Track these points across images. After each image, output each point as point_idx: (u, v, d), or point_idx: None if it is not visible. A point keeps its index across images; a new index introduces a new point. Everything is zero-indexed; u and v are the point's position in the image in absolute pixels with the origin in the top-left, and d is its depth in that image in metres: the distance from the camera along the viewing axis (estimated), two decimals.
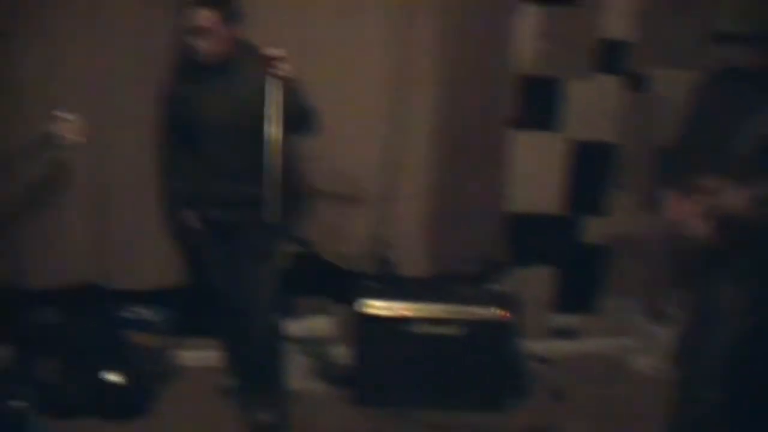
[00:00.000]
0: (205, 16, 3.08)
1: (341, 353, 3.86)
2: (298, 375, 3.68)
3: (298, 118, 3.12)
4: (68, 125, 3.09)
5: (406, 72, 3.76)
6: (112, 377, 3.50)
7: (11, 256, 3.42)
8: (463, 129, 3.88)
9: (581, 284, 4.29)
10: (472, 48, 3.82)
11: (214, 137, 3.21)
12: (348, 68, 3.72)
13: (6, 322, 3.66)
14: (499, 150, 3.97)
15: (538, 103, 4.01)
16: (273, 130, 2.90)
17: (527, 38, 3.92)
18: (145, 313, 3.78)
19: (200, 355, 3.92)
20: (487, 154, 3.94)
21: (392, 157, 3.85)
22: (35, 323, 3.67)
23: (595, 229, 4.22)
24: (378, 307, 3.57)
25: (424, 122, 3.83)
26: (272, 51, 2.96)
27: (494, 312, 3.58)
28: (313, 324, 3.93)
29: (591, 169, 4.14)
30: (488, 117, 3.90)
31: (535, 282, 4.20)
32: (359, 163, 3.82)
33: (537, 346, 4.11)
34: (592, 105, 4.03)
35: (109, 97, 3.71)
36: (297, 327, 3.83)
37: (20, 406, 3.13)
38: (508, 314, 3.59)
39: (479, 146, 3.92)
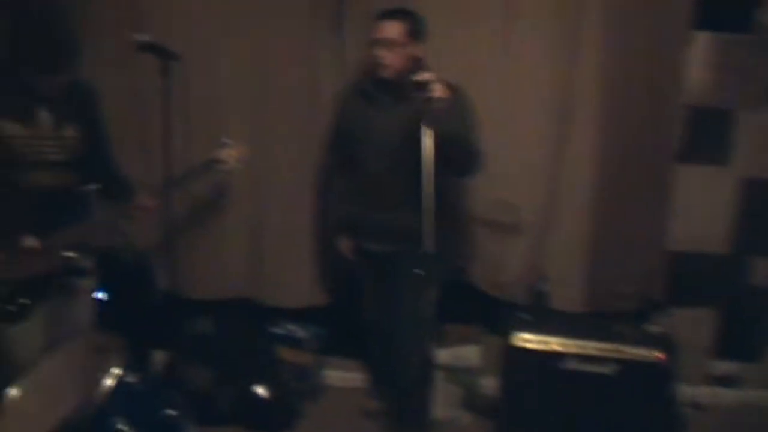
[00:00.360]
0: (392, 28, 3.16)
1: (489, 384, 3.79)
2: (444, 403, 3.64)
3: (459, 156, 3.10)
4: (231, 151, 3.31)
5: (569, 102, 3.68)
6: (261, 391, 3.58)
7: (174, 268, 3.57)
8: (627, 161, 3.74)
9: (745, 329, 4.04)
10: (638, 77, 3.68)
11: (378, 159, 3.23)
12: (510, 98, 3.67)
13: (164, 329, 3.81)
14: (663, 183, 3.80)
15: (708, 136, 3.82)
16: (431, 156, 2.88)
17: (698, 67, 3.75)
18: (295, 330, 3.85)
19: (347, 376, 3.95)
20: (650, 188, 3.78)
21: (552, 187, 3.76)
22: (191, 333, 3.80)
23: (762, 271, 3.97)
24: (529, 340, 3.48)
25: (586, 152, 3.71)
26: (423, 75, 2.96)
27: (650, 353, 3.42)
28: (462, 353, 3.88)
29: (760, 208, 3.90)
30: (653, 149, 3.74)
31: (695, 324, 4.00)
32: (518, 192, 3.75)
33: (694, 391, 3.93)
34: (766, 139, 3.81)
35: (269, 117, 3.83)
36: (446, 355, 3.79)
37: (174, 413, 3.23)
38: (664, 356, 3.42)
39: (642, 179, 3.76)
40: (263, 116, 3.82)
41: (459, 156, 3.12)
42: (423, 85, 2.95)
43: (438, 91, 2.92)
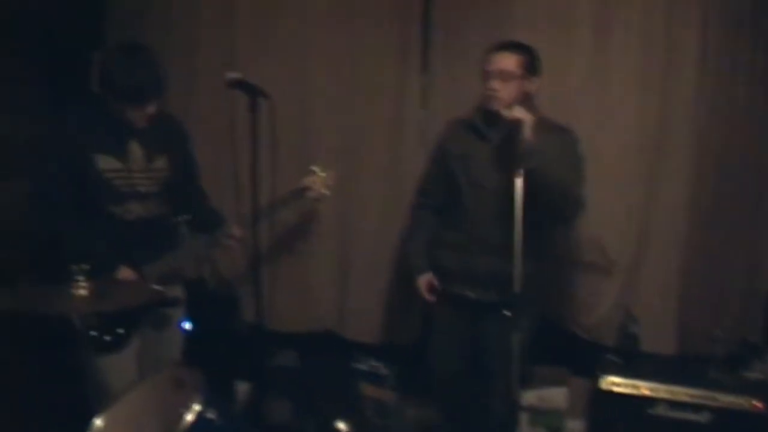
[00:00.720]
0: (508, 59, 3.08)
1: (575, 428, 3.71)
2: None
3: (553, 200, 3.01)
4: (319, 178, 3.31)
5: (662, 140, 3.61)
6: (342, 426, 3.56)
7: (259, 300, 3.61)
8: (721, 199, 3.63)
9: None
10: (730, 114, 3.58)
11: (477, 199, 3.16)
12: (602, 137, 3.62)
13: (248, 362, 3.86)
14: (759, 222, 3.66)
15: None
16: (520, 197, 2.82)
17: None
18: (378, 366, 3.83)
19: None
20: (745, 226, 3.65)
21: (644, 227, 3.68)
22: (275, 366, 3.83)
23: None
24: (618, 383, 3.39)
25: (679, 191, 3.63)
26: (515, 113, 2.93)
27: (747, 401, 3.29)
28: (548, 394, 3.79)
29: None
30: (749, 187, 3.61)
31: None
32: (609, 232, 3.68)
33: None
34: None
35: (357, 152, 3.90)
36: (532, 396, 3.71)
37: None
38: (763, 405, 3.27)
39: (737, 217, 3.63)
40: (351, 151, 3.89)
41: (553, 200, 3.01)
42: (514, 123, 2.93)
43: (528, 131, 2.89)
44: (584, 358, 3.69)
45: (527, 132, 2.90)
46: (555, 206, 3.06)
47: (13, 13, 3.43)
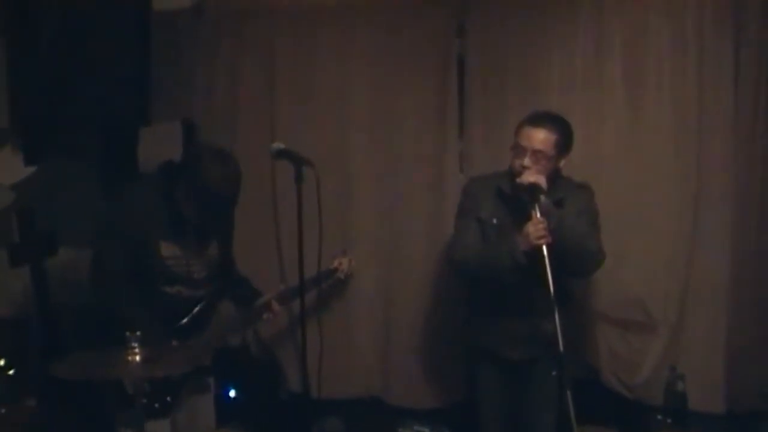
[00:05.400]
0: (543, 138, 3.04)
1: None
2: None
3: (572, 256, 3.04)
4: (346, 260, 3.66)
5: (699, 194, 3.61)
6: None
7: (303, 368, 3.63)
8: (763, 252, 3.61)
9: None
10: (765, 170, 3.61)
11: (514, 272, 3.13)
12: (639, 194, 3.65)
13: (293, 429, 3.84)
14: None
15: None
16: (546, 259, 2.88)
17: None
18: (424, 430, 3.79)
19: None
20: None
21: (686, 283, 3.65)
22: None
23: None
24: None
25: (719, 245, 3.61)
26: (530, 178, 2.97)
27: None
28: None
29: None
30: None
31: None
32: (651, 289, 3.65)
33: None
34: None
35: (398, 217, 3.94)
36: None
37: None
38: None
39: None
40: (392, 217, 3.93)
41: (573, 256, 3.05)
42: (531, 187, 2.97)
43: (542, 195, 2.96)
44: (631, 419, 3.63)
45: (543, 195, 2.96)
46: (576, 262, 3.09)
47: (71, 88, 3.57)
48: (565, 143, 3.11)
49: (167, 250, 2.96)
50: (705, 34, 3.54)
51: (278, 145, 2.97)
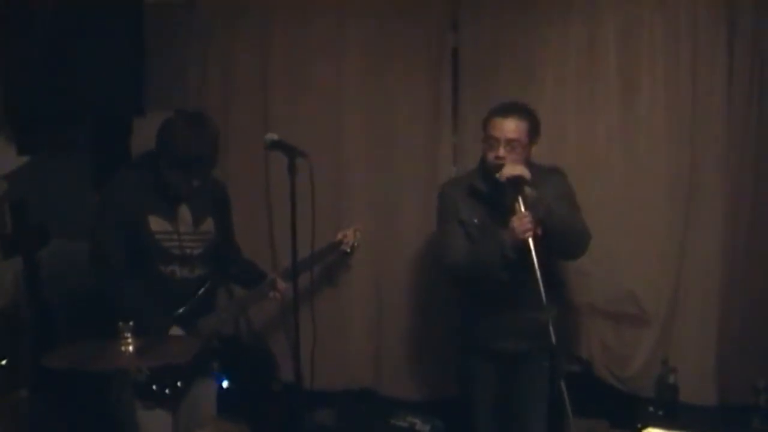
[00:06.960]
0: (515, 126, 3.07)
1: None
2: None
3: (567, 240, 3.08)
4: (351, 232, 3.58)
5: (693, 189, 3.64)
6: None
7: (296, 358, 3.64)
8: (754, 247, 3.64)
9: None
10: (761, 163, 3.62)
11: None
12: (632, 189, 3.67)
13: (286, 421, 3.85)
14: None
15: None
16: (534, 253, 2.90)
17: None
18: (416, 422, 3.81)
19: None
20: None
21: (678, 277, 3.68)
22: (313, 424, 3.82)
23: None
24: None
25: (712, 239, 3.63)
26: (513, 171, 2.97)
27: None
28: None
29: None
30: None
31: None
32: (643, 283, 3.68)
33: None
34: None
35: (391, 209, 3.95)
36: None
37: None
38: None
39: None
40: (386, 209, 3.95)
41: (565, 241, 3.08)
42: (514, 180, 2.97)
43: (528, 185, 2.97)
44: (623, 411, 3.65)
45: (527, 187, 2.97)
46: (568, 246, 3.12)
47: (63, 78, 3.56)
48: (535, 130, 3.14)
49: (156, 224, 2.94)
50: (699, 28, 3.56)
51: (272, 135, 2.95)
